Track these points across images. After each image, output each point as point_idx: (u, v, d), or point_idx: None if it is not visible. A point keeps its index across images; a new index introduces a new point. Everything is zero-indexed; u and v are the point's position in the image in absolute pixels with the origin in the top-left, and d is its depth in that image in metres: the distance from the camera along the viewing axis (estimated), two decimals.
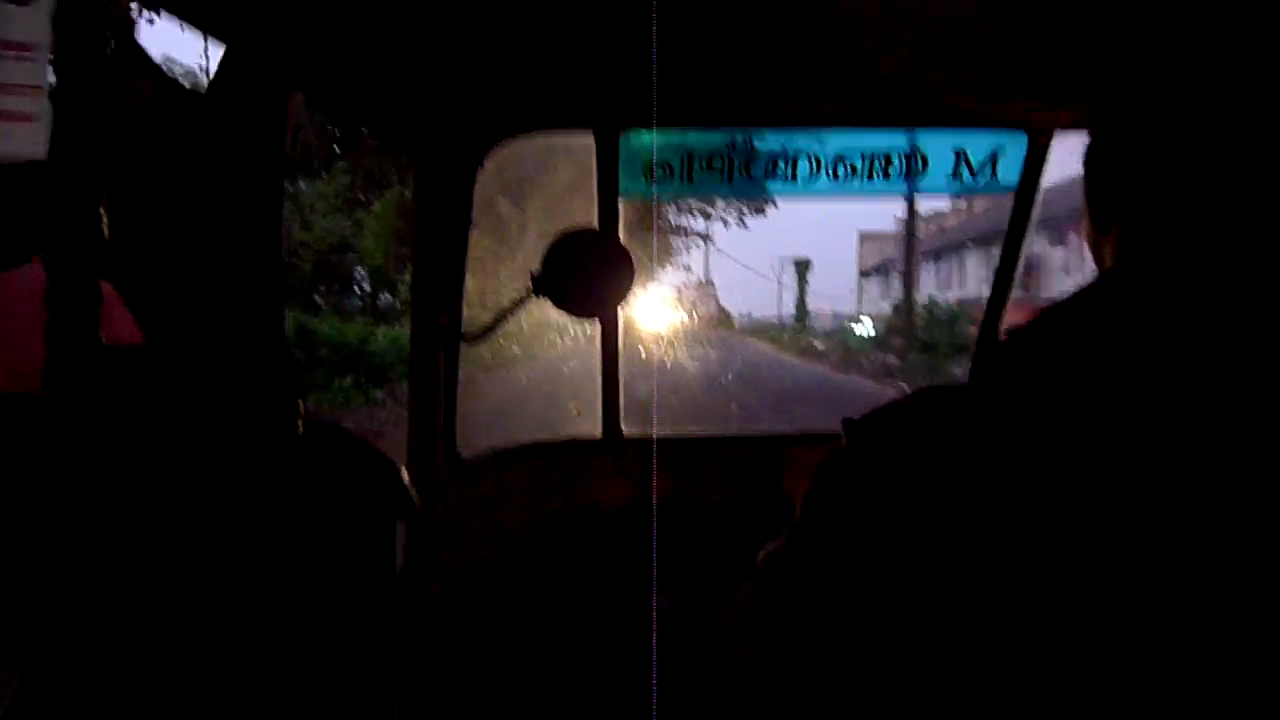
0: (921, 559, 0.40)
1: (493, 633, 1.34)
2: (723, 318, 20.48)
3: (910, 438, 0.43)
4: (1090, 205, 0.49)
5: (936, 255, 25.74)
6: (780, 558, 0.49)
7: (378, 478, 0.76)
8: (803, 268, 31.04)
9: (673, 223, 17.58)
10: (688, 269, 25.33)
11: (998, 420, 0.41)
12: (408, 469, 1.27)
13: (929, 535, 0.40)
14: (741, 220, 18.86)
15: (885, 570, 0.41)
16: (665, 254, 18.30)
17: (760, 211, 18.49)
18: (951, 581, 0.39)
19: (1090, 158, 0.49)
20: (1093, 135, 0.49)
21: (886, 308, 23.78)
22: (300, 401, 0.69)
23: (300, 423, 0.68)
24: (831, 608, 0.43)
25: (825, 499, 0.46)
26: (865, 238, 33.13)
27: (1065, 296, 0.45)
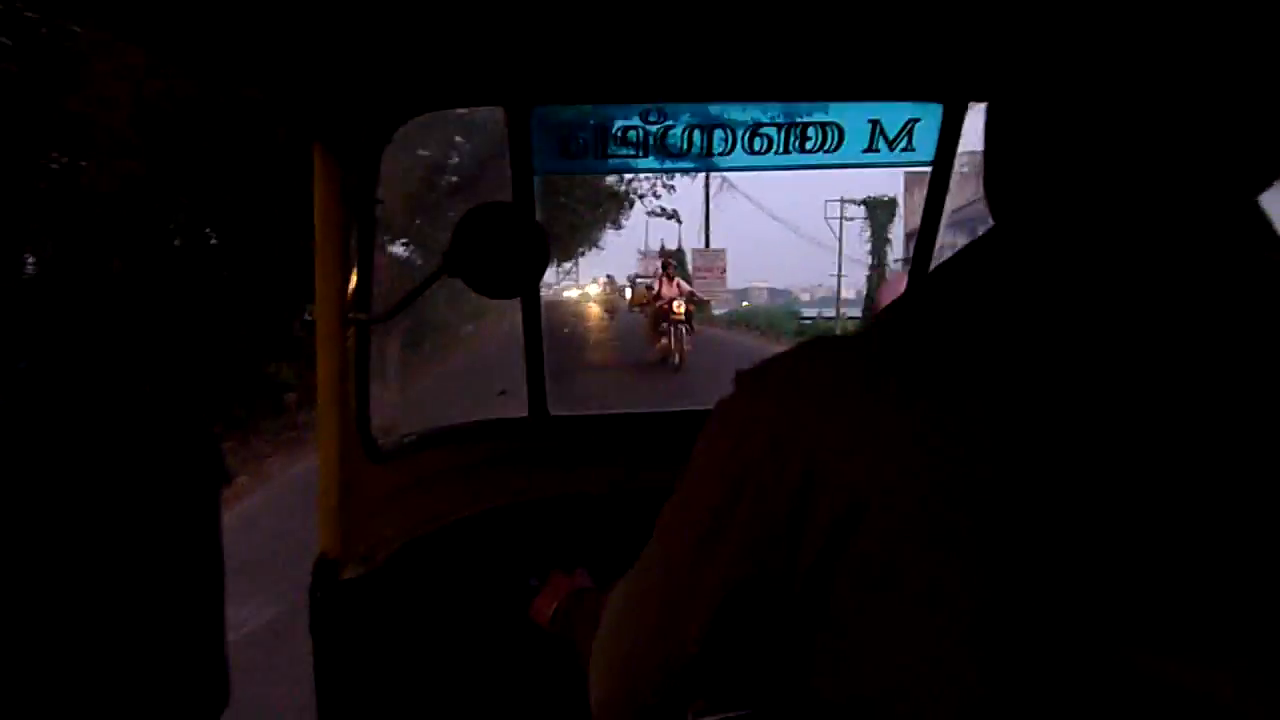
0: (790, 492, 0.42)
1: (415, 621, 1.33)
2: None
3: (788, 378, 0.46)
4: (988, 169, 0.50)
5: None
6: (670, 503, 0.52)
7: (194, 444, 0.75)
8: (883, 212, 19.04)
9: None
10: (667, 216, 16.00)
11: (878, 361, 0.43)
12: (320, 453, 1.27)
13: (794, 472, 0.42)
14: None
15: (760, 502, 0.44)
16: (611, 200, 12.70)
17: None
18: (819, 511, 0.42)
19: (991, 124, 0.49)
20: (994, 106, 0.49)
21: None
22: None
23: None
24: (711, 540, 0.46)
25: (709, 440, 0.49)
26: (914, 182, 21.15)
27: (954, 254, 0.47)
